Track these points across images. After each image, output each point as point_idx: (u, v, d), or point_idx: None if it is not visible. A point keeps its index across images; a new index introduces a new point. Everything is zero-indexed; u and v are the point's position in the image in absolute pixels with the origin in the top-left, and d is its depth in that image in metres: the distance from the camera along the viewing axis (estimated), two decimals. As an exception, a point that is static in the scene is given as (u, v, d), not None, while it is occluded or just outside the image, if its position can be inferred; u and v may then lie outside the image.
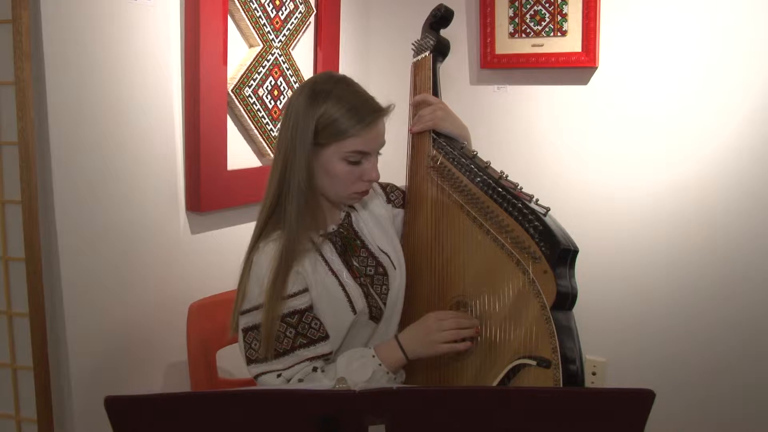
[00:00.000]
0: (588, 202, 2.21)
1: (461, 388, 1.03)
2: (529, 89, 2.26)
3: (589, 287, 2.25)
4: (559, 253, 1.08)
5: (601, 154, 2.17)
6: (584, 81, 2.16)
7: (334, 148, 1.20)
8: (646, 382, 2.15)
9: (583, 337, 2.24)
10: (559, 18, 2.10)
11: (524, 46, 2.18)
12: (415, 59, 1.50)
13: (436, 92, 1.45)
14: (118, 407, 0.69)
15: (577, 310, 2.26)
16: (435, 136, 1.38)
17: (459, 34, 2.33)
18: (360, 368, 1.19)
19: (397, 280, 1.34)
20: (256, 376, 1.21)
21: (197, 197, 1.72)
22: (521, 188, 1.23)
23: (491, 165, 1.29)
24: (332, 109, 1.18)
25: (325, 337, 1.22)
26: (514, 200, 1.17)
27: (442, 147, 1.35)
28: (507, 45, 2.22)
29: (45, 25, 1.37)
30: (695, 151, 2.03)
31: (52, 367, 1.44)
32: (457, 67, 2.36)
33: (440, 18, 1.49)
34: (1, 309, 1.44)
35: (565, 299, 1.08)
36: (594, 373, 2.31)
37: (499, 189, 1.20)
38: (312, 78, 1.28)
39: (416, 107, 1.44)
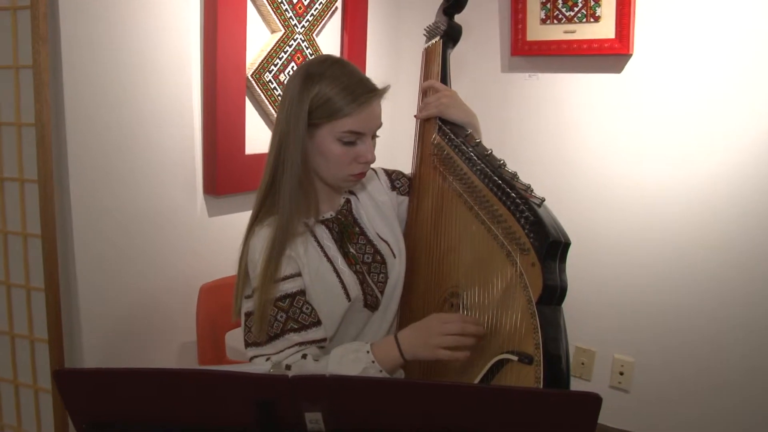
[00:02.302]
0: (619, 195, 2.12)
1: (398, 380, 1.01)
2: (561, 77, 2.19)
3: (617, 285, 2.18)
4: (548, 245, 1.04)
5: (634, 145, 2.09)
6: (618, 69, 2.07)
7: (328, 128, 1.19)
8: (675, 383, 2.09)
9: (611, 336, 2.20)
10: (592, 3, 2.01)
11: (556, 32, 2.11)
12: (426, 45, 1.47)
13: (445, 78, 1.41)
14: (67, 379, 0.71)
15: (605, 307, 2.19)
16: (440, 124, 1.35)
17: (490, 20, 2.27)
18: (352, 362, 1.15)
19: (396, 268, 1.31)
20: (251, 359, 1.22)
21: (214, 180, 1.75)
22: (518, 178, 1.18)
23: (493, 153, 1.25)
24: (326, 88, 1.18)
25: (317, 323, 1.21)
26: (508, 189, 1.13)
27: (445, 134, 1.32)
28: (538, 31, 2.15)
29: (62, 10, 1.41)
30: (733, 144, 1.92)
31: (66, 340, 1.49)
32: (488, 54, 2.31)
33: (453, 3, 1.45)
34: (20, 283, 1.51)
35: (553, 293, 1.03)
36: (621, 373, 2.23)
37: (495, 178, 1.16)
38: (307, 61, 1.28)
39: (424, 93, 1.42)
